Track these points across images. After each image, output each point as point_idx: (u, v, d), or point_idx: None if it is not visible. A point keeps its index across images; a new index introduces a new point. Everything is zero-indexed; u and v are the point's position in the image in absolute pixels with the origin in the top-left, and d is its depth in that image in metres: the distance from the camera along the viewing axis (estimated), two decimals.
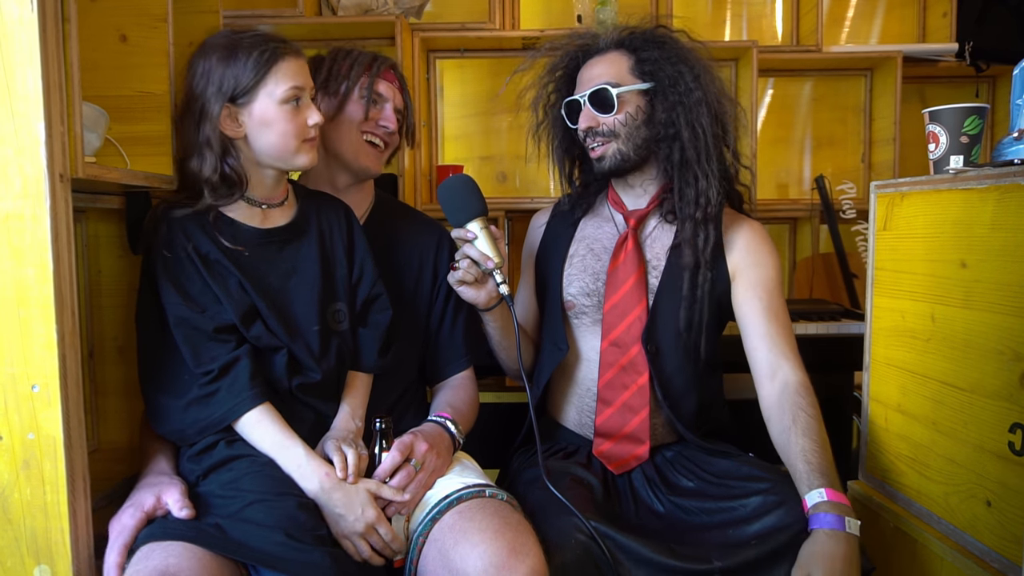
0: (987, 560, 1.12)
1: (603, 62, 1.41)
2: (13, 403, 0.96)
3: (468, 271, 1.34)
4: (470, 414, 1.42)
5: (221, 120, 1.18)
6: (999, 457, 1.09)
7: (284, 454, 1.14)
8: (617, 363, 1.39)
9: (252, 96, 1.18)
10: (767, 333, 1.35)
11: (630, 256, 1.41)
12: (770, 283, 1.39)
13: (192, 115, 1.19)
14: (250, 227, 1.24)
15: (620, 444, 1.38)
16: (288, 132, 1.20)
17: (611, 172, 1.43)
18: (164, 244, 1.18)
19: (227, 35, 1.22)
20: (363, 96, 1.40)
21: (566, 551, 1.11)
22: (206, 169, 1.18)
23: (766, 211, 2.49)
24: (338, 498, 1.12)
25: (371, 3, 2.27)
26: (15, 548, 0.98)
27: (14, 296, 0.95)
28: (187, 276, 1.17)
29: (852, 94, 2.56)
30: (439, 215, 1.48)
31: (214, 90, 1.17)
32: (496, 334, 1.45)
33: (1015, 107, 1.18)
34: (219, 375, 1.14)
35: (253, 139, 1.21)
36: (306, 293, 1.25)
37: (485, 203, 1.36)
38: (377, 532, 1.13)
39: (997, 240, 1.10)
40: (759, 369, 1.36)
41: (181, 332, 1.14)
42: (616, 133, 1.39)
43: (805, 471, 1.19)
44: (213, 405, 1.13)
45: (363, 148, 1.41)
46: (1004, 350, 1.08)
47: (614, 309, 1.40)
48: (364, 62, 1.42)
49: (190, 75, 1.20)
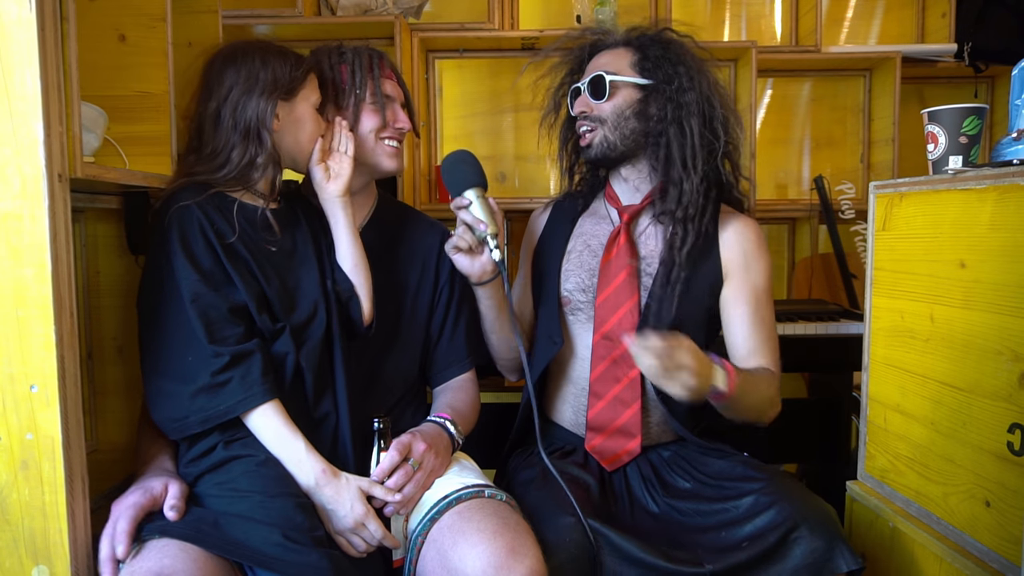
0: (986, 560, 1.12)
1: (609, 55, 1.46)
2: (11, 403, 0.96)
3: (463, 237, 1.35)
4: (471, 416, 1.42)
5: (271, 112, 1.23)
6: (998, 457, 1.09)
7: (285, 447, 1.14)
8: (609, 356, 1.40)
9: (296, 95, 1.27)
10: (749, 337, 1.39)
11: (622, 250, 1.42)
12: (759, 287, 1.41)
13: (238, 107, 1.22)
14: (257, 207, 1.26)
15: (612, 438, 1.39)
16: (315, 133, 1.30)
17: (597, 160, 1.45)
18: (180, 221, 1.18)
19: (262, 43, 1.28)
20: (376, 103, 1.39)
21: (562, 551, 1.12)
22: (261, 156, 1.23)
23: (765, 211, 2.49)
24: (328, 494, 1.12)
25: (370, 3, 2.27)
26: (13, 549, 0.98)
27: (12, 296, 0.95)
28: (202, 252, 1.17)
29: (851, 94, 2.56)
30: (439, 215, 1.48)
31: (267, 84, 1.23)
32: (490, 313, 1.44)
33: (1014, 107, 1.19)
34: (231, 364, 1.12)
35: (284, 135, 1.27)
36: (310, 270, 1.27)
37: (484, 176, 1.38)
38: (367, 528, 1.13)
39: (996, 240, 1.10)
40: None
41: (197, 307, 1.13)
42: (603, 120, 1.41)
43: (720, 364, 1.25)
44: (223, 395, 1.11)
45: (385, 152, 1.41)
46: (1003, 350, 1.09)
47: (606, 302, 1.41)
48: (363, 66, 1.40)
49: (233, 73, 1.23)
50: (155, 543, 1.00)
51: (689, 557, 1.15)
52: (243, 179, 1.24)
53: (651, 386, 1.37)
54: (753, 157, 2.29)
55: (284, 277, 1.25)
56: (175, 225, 1.17)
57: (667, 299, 1.38)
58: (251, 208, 1.25)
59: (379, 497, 1.16)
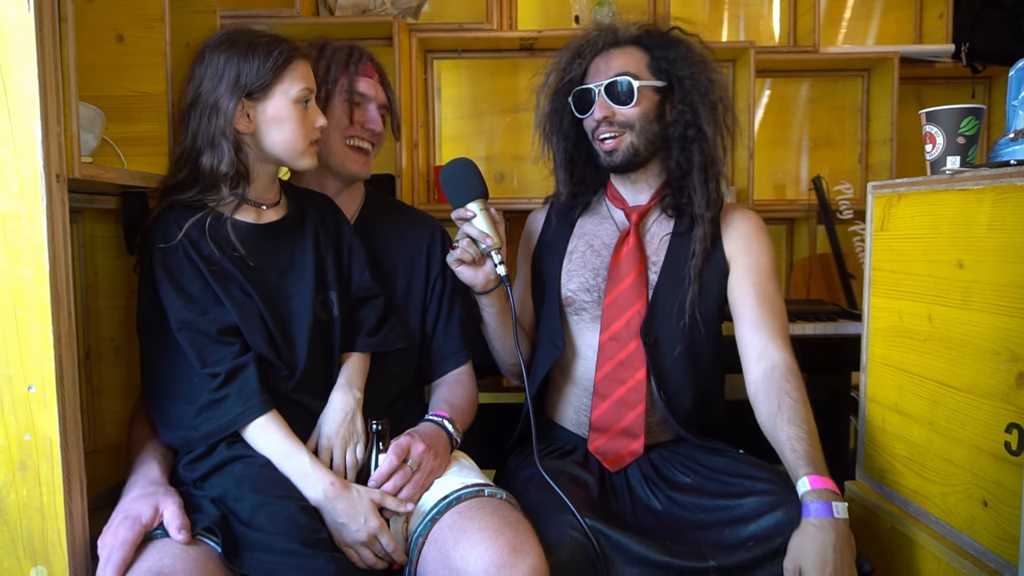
0: (984, 560, 1.12)
1: (622, 54, 1.42)
2: (9, 404, 0.96)
3: (467, 250, 1.34)
4: (469, 411, 1.41)
5: (236, 115, 1.17)
6: (996, 457, 1.09)
7: (289, 462, 1.13)
8: (615, 357, 1.39)
9: (268, 93, 1.19)
10: (757, 317, 1.36)
11: (632, 251, 1.42)
12: (763, 269, 1.40)
13: (203, 110, 1.17)
14: (248, 223, 1.24)
15: (615, 439, 1.39)
16: (298, 131, 1.22)
17: (620, 166, 1.42)
18: (163, 246, 1.17)
19: (237, 33, 1.21)
20: (345, 99, 1.37)
21: (561, 549, 1.11)
22: (224, 164, 1.17)
23: (763, 211, 2.47)
24: (341, 507, 1.11)
25: (369, 3, 2.27)
26: (11, 549, 0.98)
27: (10, 297, 0.95)
28: (188, 278, 1.16)
29: (849, 95, 2.56)
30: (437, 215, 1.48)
31: (230, 84, 1.16)
32: (493, 321, 1.44)
33: (1011, 108, 1.19)
34: (227, 380, 1.13)
35: (263, 135, 1.21)
36: (303, 287, 1.25)
37: (486, 185, 1.36)
38: (379, 542, 1.13)
39: (994, 240, 1.10)
40: (747, 352, 1.36)
41: (185, 335, 1.13)
42: (631, 125, 1.39)
43: (792, 460, 1.20)
44: (223, 410, 1.12)
45: (348, 154, 1.38)
46: (1001, 350, 1.09)
47: (614, 303, 1.40)
48: (340, 61, 1.38)
49: (200, 70, 1.18)
50: (156, 543, 1.00)
51: (692, 551, 1.15)
52: (215, 191, 1.19)
53: (653, 384, 1.37)
54: (751, 157, 2.29)
55: (276, 293, 1.22)
56: (158, 256, 1.16)
57: (698, 294, 1.38)
58: (242, 225, 1.23)
59: (391, 508, 1.16)
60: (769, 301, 1.38)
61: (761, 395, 1.31)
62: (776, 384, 1.30)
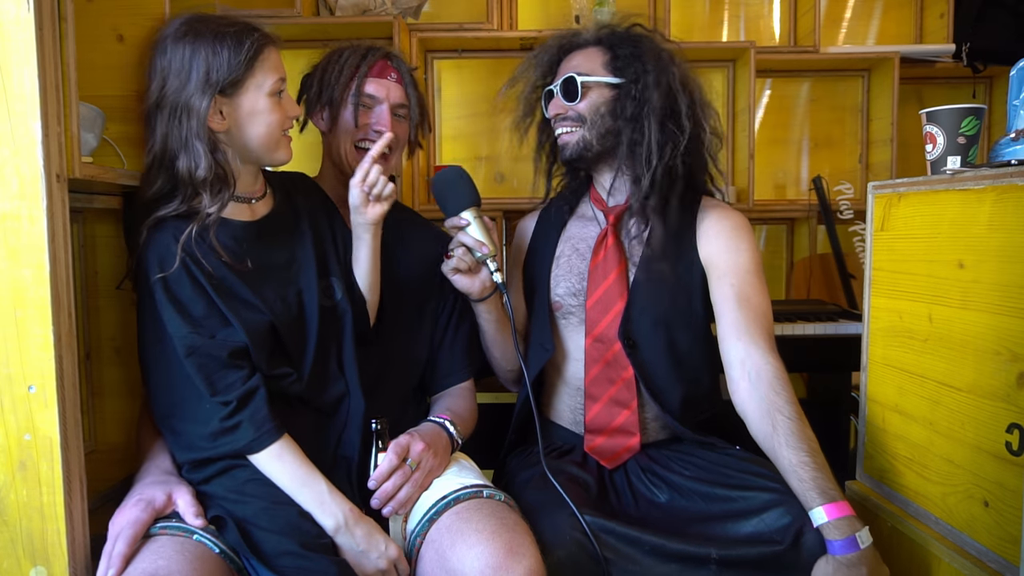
0: (984, 560, 1.12)
1: (580, 55, 1.45)
2: (9, 404, 0.96)
3: (463, 259, 1.34)
4: (469, 420, 1.41)
5: (209, 114, 1.11)
6: (996, 457, 1.09)
7: (304, 491, 1.10)
8: (602, 359, 1.39)
9: (241, 88, 1.13)
10: (736, 320, 1.31)
11: (610, 252, 1.41)
12: (742, 269, 1.36)
13: (173, 111, 1.11)
14: (244, 222, 1.22)
15: (611, 438, 1.39)
16: (274, 124, 1.17)
17: (573, 160, 1.44)
18: (160, 267, 1.11)
19: (199, 21, 1.13)
20: (352, 103, 1.36)
21: (560, 549, 1.12)
22: (201, 168, 1.10)
23: (763, 212, 2.49)
24: (361, 534, 1.09)
25: (369, 3, 2.27)
26: (11, 549, 0.98)
27: (10, 297, 0.95)
28: (191, 299, 1.11)
29: (849, 95, 2.56)
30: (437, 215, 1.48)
31: (200, 82, 1.09)
32: (490, 327, 1.44)
33: (1012, 108, 1.19)
34: (239, 408, 1.09)
35: (239, 132, 1.16)
36: (308, 279, 1.24)
37: (478, 193, 1.36)
38: (396, 570, 1.12)
39: (994, 240, 1.10)
40: (729, 358, 1.31)
41: (194, 361, 1.08)
42: (583, 119, 1.41)
43: (801, 490, 1.16)
44: (237, 436, 1.09)
45: (358, 157, 1.36)
46: (1001, 350, 1.09)
47: (596, 305, 1.40)
48: (352, 64, 1.37)
49: (163, 64, 1.11)
50: (152, 544, 1.00)
51: (695, 540, 1.16)
52: (218, 191, 1.13)
53: (644, 385, 1.37)
54: (752, 157, 2.29)
55: (282, 294, 1.20)
56: (158, 282, 1.11)
57: (650, 295, 1.37)
58: (238, 225, 1.20)
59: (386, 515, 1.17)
60: (748, 302, 1.33)
61: (751, 413, 1.26)
62: (766, 400, 1.24)
